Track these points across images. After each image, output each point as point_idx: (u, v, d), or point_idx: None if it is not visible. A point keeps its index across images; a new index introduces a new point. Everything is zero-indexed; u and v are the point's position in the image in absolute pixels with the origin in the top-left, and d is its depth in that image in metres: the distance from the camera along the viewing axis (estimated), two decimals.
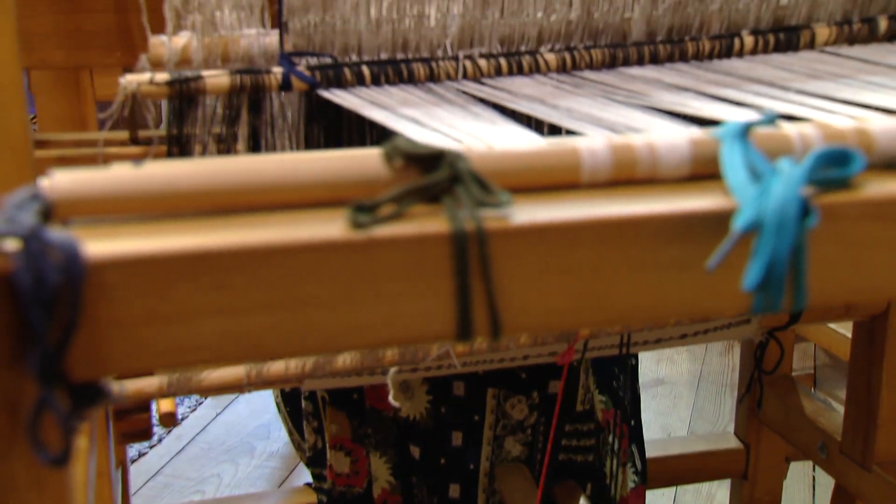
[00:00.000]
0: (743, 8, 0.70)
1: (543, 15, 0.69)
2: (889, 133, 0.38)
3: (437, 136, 0.51)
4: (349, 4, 0.66)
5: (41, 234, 0.30)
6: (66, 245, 0.30)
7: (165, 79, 0.60)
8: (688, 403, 2.56)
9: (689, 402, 2.56)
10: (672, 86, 0.63)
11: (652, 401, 2.56)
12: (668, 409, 2.53)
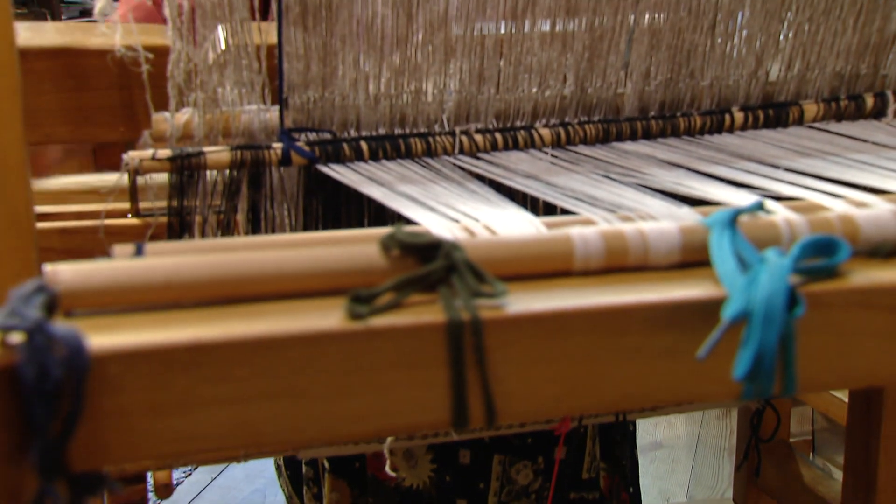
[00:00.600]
0: (733, 84, 0.72)
1: (538, 90, 0.71)
2: (873, 221, 0.39)
3: (433, 216, 0.52)
4: (348, 81, 0.67)
5: (45, 327, 0.30)
6: (69, 339, 0.30)
7: (167, 154, 0.62)
8: (686, 468, 2.54)
9: (688, 467, 2.54)
10: (665, 162, 0.64)
11: (650, 465, 2.54)
12: (666, 474, 2.51)
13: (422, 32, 0.67)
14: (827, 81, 0.71)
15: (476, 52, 0.69)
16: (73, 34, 0.64)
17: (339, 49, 0.66)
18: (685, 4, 0.70)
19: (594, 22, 0.70)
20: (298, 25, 0.65)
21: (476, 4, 0.67)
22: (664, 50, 0.71)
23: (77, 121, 0.63)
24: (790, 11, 0.70)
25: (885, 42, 0.70)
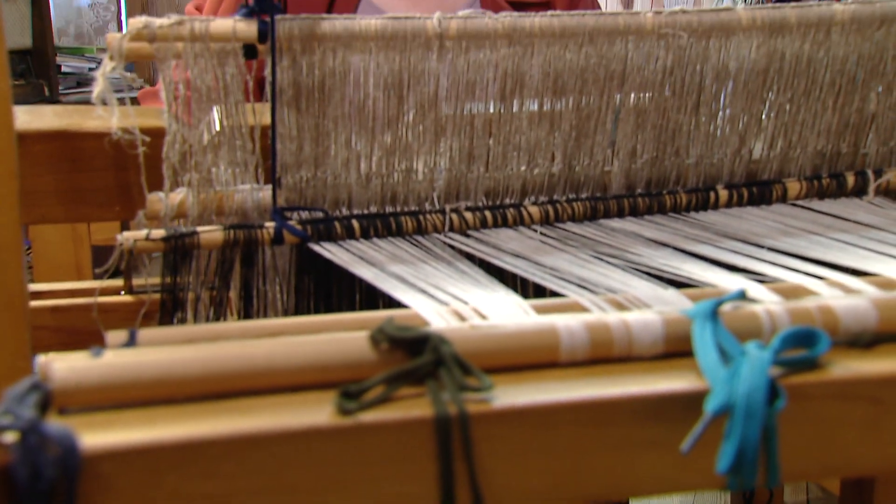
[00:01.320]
0: (717, 162, 0.74)
1: (527, 168, 0.72)
2: (852, 312, 0.40)
3: (423, 299, 0.53)
4: (340, 160, 0.69)
5: (39, 427, 0.31)
6: (63, 438, 0.31)
7: (161, 235, 0.63)
8: None
9: None
10: (651, 241, 0.65)
11: None
12: None
13: (412, 113, 0.69)
14: (809, 160, 0.73)
15: (466, 132, 0.71)
16: (70, 117, 0.65)
17: (331, 130, 0.68)
18: (669, 85, 0.72)
19: (581, 102, 0.71)
20: (292, 107, 0.66)
21: (465, 86, 0.69)
22: (650, 129, 0.73)
23: (73, 201, 0.64)
24: (771, 92, 0.72)
25: (863, 122, 0.72)
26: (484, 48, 0.68)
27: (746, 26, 0.69)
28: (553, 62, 0.69)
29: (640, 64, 0.70)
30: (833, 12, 0.68)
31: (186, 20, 0.61)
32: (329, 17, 0.64)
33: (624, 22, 0.68)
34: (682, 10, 0.68)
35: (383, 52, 0.66)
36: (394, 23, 0.65)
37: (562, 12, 0.68)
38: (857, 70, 0.70)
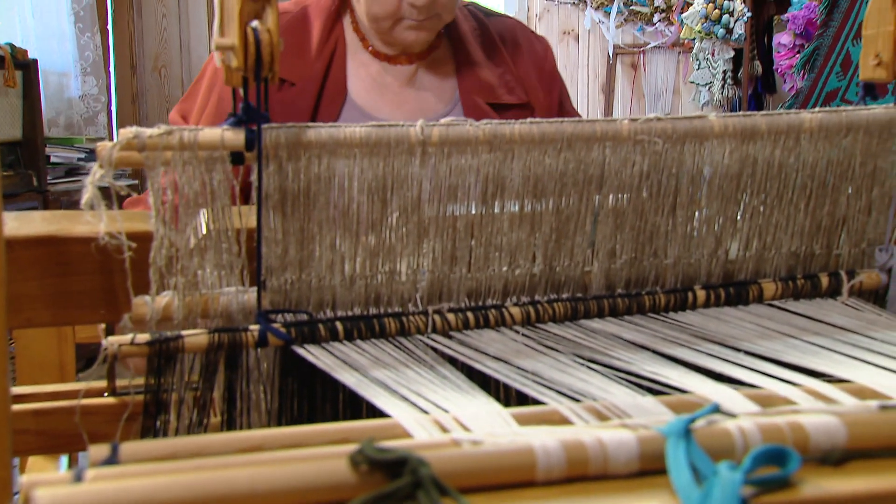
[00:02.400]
0: (695, 262, 0.75)
1: (508, 269, 0.74)
2: (823, 429, 0.41)
3: (405, 407, 0.54)
4: (325, 263, 0.70)
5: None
6: None
7: (146, 339, 0.63)
8: None
9: None
10: (630, 343, 0.66)
11: None
12: None
13: (396, 216, 0.70)
14: (784, 261, 0.75)
15: (448, 234, 0.72)
16: (59, 222, 0.66)
17: (316, 233, 0.69)
18: (646, 188, 0.73)
19: (561, 204, 0.73)
20: (277, 211, 0.68)
21: (448, 189, 0.71)
22: (628, 230, 0.74)
23: (59, 305, 0.65)
24: (745, 195, 0.74)
25: (835, 224, 0.74)
26: (465, 154, 0.70)
27: (719, 133, 0.71)
28: (533, 167, 0.71)
29: (618, 168, 0.72)
30: (801, 120, 0.70)
31: (175, 130, 0.62)
32: (314, 125, 0.66)
33: (601, 129, 0.70)
34: (656, 118, 0.71)
35: (367, 157, 0.68)
36: (377, 130, 0.67)
37: (541, 119, 0.70)
38: (827, 175, 0.73)
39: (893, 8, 0.69)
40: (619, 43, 5.10)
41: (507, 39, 1.44)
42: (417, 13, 1.26)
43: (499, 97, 1.37)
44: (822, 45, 1.96)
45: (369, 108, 1.36)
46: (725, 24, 3.16)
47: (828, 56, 1.97)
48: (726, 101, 3.46)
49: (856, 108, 0.72)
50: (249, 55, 0.61)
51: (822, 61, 1.96)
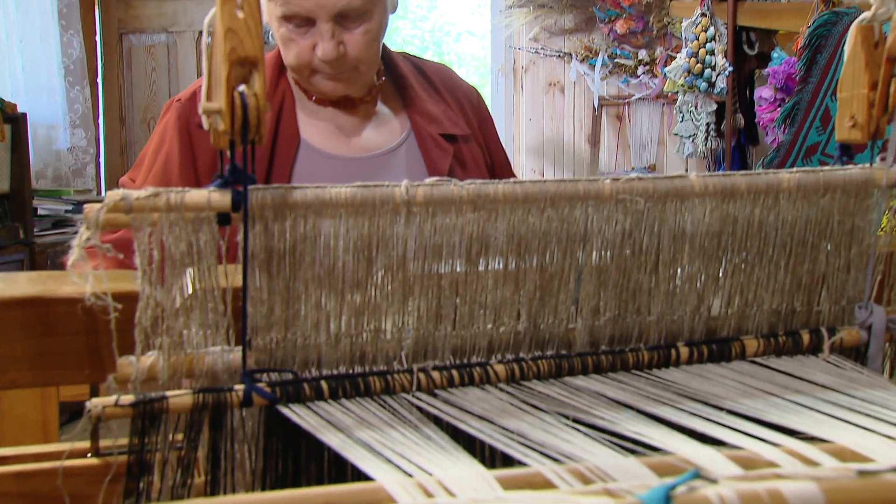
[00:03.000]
0: (678, 319, 0.76)
1: (493, 327, 0.74)
2: (800, 495, 0.41)
3: (389, 470, 0.54)
4: (310, 322, 0.70)
5: None
6: None
7: (130, 400, 0.63)
8: None
9: None
10: (614, 401, 0.67)
11: None
12: None
13: (381, 274, 0.71)
14: (766, 317, 0.76)
15: (433, 292, 0.72)
16: (45, 283, 0.67)
17: (301, 292, 0.69)
18: (629, 246, 0.74)
19: (544, 262, 0.74)
20: (263, 271, 0.68)
21: (432, 248, 0.71)
22: (611, 288, 0.75)
23: (43, 366, 0.65)
24: (726, 252, 0.75)
25: (815, 282, 0.75)
26: (450, 213, 0.71)
27: (699, 192, 0.72)
28: (517, 225, 0.72)
29: (600, 227, 0.73)
30: (780, 180, 0.72)
31: (162, 192, 0.63)
32: (300, 185, 0.67)
33: (583, 188, 0.71)
34: (638, 178, 0.72)
35: (353, 217, 0.69)
36: (363, 191, 0.68)
37: (524, 180, 0.71)
38: (806, 233, 0.74)
39: (867, 72, 0.71)
40: (605, 94, 5.17)
41: (443, 80, 1.53)
42: (328, 67, 1.33)
43: (447, 128, 1.45)
44: (802, 101, 2.00)
45: (326, 148, 1.41)
46: (708, 78, 3.21)
47: (807, 111, 2.00)
48: (710, 152, 3.50)
49: (832, 169, 0.73)
50: (236, 119, 0.62)
51: (802, 116, 2.00)
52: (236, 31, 0.61)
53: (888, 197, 0.73)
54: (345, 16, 1.31)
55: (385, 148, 1.45)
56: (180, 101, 1.41)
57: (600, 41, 5.11)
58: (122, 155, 4.41)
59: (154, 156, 1.40)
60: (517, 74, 5.33)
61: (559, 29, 5.16)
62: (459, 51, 9.53)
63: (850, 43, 0.71)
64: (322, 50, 1.30)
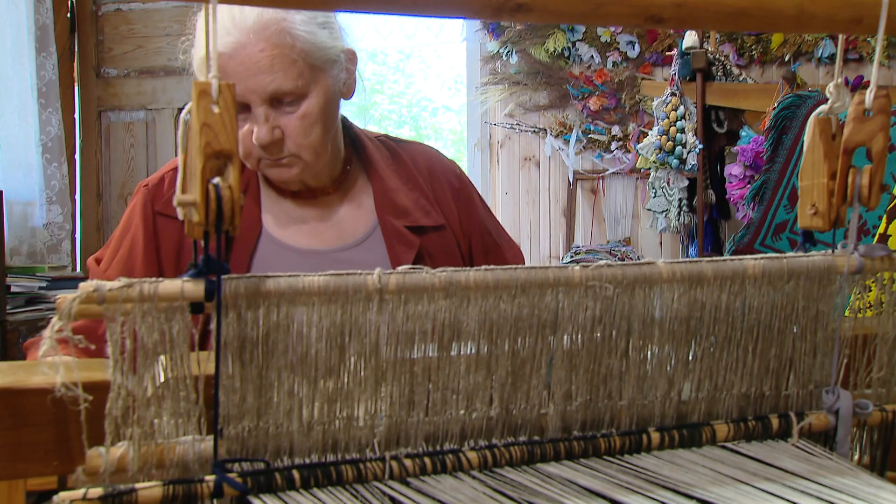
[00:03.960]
0: (648, 404, 0.76)
1: (466, 413, 0.74)
2: None
3: None
4: (282, 410, 0.70)
5: None
6: None
7: (98, 493, 0.62)
8: None
9: None
10: (585, 490, 0.67)
11: None
12: None
13: (354, 361, 0.71)
14: (735, 402, 0.76)
15: (406, 378, 0.73)
16: (15, 374, 0.66)
17: (274, 380, 0.70)
18: (599, 331, 0.75)
19: (516, 348, 0.74)
20: (236, 360, 0.68)
21: (405, 335, 0.72)
22: (583, 373, 0.76)
23: (10, 458, 0.64)
24: (695, 337, 0.76)
25: (783, 366, 0.76)
26: (422, 300, 0.71)
27: (667, 279, 0.74)
28: (488, 312, 0.73)
29: (571, 313, 0.74)
30: (745, 267, 0.73)
31: (136, 283, 0.64)
32: (273, 275, 0.68)
33: (553, 275, 0.73)
34: (607, 265, 0.73)
35: (326, 305, 0.69)
36: (336, 279, 0.69)
37: (494, 266, 0.72)
38: (772, 318, 0.75)
39: (826, 162, 0.73)
40: (579, 169, 5.24)
41: (421, 165, 1.50)
42: (266, 153, 1.30)
43: (416, 220, 1.42)
44: (770, 180, 2.05)
45: (288, 240, 1.39)
46: (679, 155, 3.28)
47: (775, 190, 2.05)
48: (683, 227, 3.54)
49: (796, 255, 0.75)
50: (211, 210, 0.63)
51: (771, 194, 2.04)
52: (211, 125, 0.62)
53: (851, 283, 0.75)
54: (279, 99, 1.28)
55: (347, 243, 1.42)
56: (147, 187, 1.40)
57: (574, 117, 5.21)
58: (99, 230, 4.40)
59: (119, 240, 1.40)
60: (493, 149, 5.41)
61: (534, 105, 5.26)
62: (436, 125, 9.67)
63: (808, 134, 0.74)
64: (256, 134, 1.27)
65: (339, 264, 1.37)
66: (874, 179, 0.69)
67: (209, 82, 0.61)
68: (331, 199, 1.43)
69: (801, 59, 4.89)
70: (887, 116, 0.70)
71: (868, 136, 0.70)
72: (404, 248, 1.39)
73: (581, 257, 4.54)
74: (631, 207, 5.25)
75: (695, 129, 3.31)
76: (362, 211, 1.43)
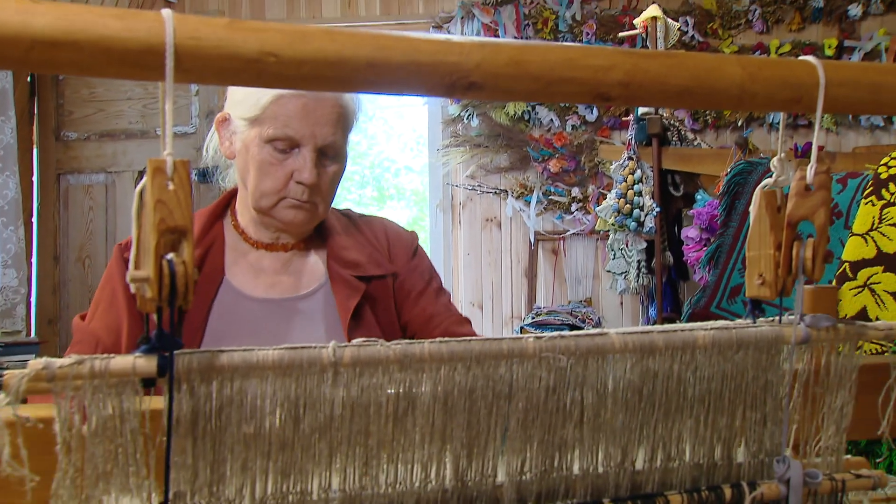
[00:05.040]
0: (603, 474, 0.77)
1: (420, 485, 0.74)
2: None
3: None
4: (235, 485, 0.69)
5: None
6: None
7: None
8: None
9: None
10: None
11: None
12: None
13: (308, 435, 0.71)
14: (688, 471, 0.77)
15: (360, 451, 0.72)
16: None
17: (227, 455, 0.69)
18: (553, 401, 0.76)
19: (471, 418, 0.75)
20: (188, 435, 0.68)
21: (360, 406, 0.72)
22: (537, 443, 0.76)
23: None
24: (648, 407, 0.77)
25: (734, 435, 0.77)
26: (377, 373, 0.72)
27: (619, 349, 0.75)
28: (443, 383, 0.73)
29: (525, 383, 0.75)
30: (695, 337, 0.74)
31: (87, 360, 0.63)
32: (227, 349, 0.68)
33: (507, 347, 0.73)
34: (560, 336, 0.74)
35: (280, 378, 0.69)
36: (290, 353, 0.69)
37: (449, 339, 0.73)
38: (723, 387, 0.76)
39: (771, 234, 0.75)
40: (540, 230, 5.30)
41: (379, 234, 1.64)
42: (301, 192, 1.45)
43: (365, 271, 1.55)
44: (724, 244, 2.09)
45: (246, 289, 1.51)
46: (637, 218, 3.33)
47: (730, 253, 2.09)
48: (643, 288, 3.58)
49: (745, 325, 0.76)
50: (164, 286, 0.63)
51: (725, 258, 2.08)
52: (166, 202, 0.62)
53: (798, 353, 0.76)
54: (324, 152, 1.45)
55: (301, 293, 1.54)
56: (120, 245, 1.53)
57: (535, 179, 5.28)
58: (55, 294, 4.35)
59: (101, 294, 1.51)
60: (455, 210, 5.46)
61: (495, 167, 5.33)
62: (399, 185, 9.73)
63: (754, 207, 0.76)
64: (307, 174, 1.43)
65: (291, 312, 1.51)
66: (817, 252, 0.71)
67: (164, 160, 0.62)
68: (292, 253, 1.56)
69: (754, 124, 5.02)
70: (828, 191, 0.72)
71: (810, 210, 0.72)
72: (349, 293, 1.51)
73: (542, 318, 4.56)
74: (592, 268, 5.31)
75: (652, 193, 3.38)
76: (315, 266, 1.56)
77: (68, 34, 0.57)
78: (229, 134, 1.52)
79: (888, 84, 0.71)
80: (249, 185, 1.49)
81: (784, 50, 4.99)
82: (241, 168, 1.51)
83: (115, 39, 0.58)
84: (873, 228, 1.52)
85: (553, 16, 5.26)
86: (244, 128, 1.48)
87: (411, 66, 0.64)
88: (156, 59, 0.60)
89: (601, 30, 5.18)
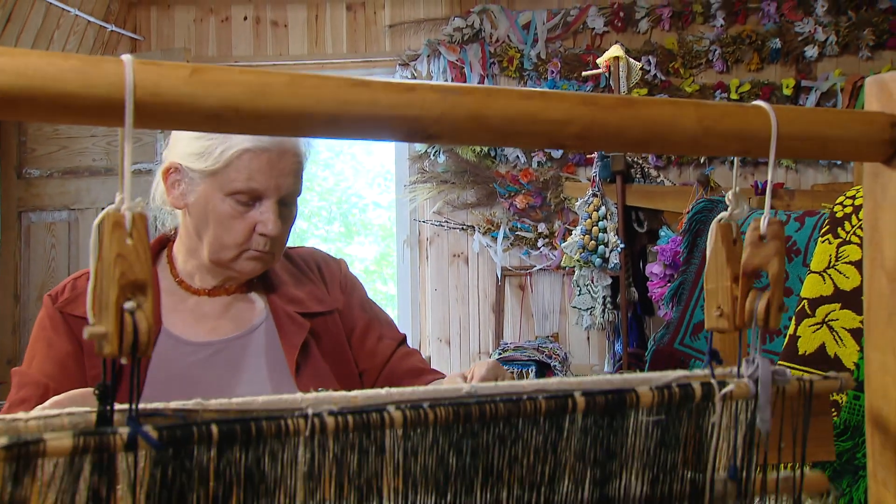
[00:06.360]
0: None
1: None
2: None
3: None
4: None
5: None
6: None
7: (3, 443, 0.58)
8: None
9: None
10: None
11: None
12: None
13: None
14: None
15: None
16: None
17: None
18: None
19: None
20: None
21: None
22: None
23: None
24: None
25: None
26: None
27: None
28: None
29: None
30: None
31: (20, 419, 0.61)
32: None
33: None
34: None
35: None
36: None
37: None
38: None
39: (728, 266, 0.75)
40: (507, 265, 5.32)
41: (310, 263, 1.65)
42: (263, 244, 1.44)
43: (308, 307, 1.54)
44: (687, 281, 2.11)
45: (186, 335, 1.48)
46: (602, 254, 3.36)
47: (692, 290, 2.11)
48: (609, 324, 3.61)
49: (692, 375, 0.77)
50: (126, 342, 0.62)
51: (688, 294, 2.11)
52: (126, 256, 0.62)
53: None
54: (284, 201, 1.45)
55: (242, 331, 1.52)
56: (50, 295, 1.49)
57: (501, 215, 5.31)
58: (15, 333, 4.28)
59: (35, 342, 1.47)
60: (422, 245, 5.46)
61: (462, 203, 5.36)
62: (366, 221, 9.73)
63: (710, 239, 0.77)
64: (271, 226, 1.42)
65: (234, 351, 1.49)
66: (772, 303, 0.72)
67: (122, 214, 0.62)
68: (233, 295, 1.54)
69: (716, 161, 5.10)
70: (782, 242, 0.74)
71: (764, 259, 0.74)
72: (295, 330, 1.50)
73: (509, 354, 4.56)
74: (558, 303, 5.33)
75: (616, 229, 3.41)
76: (257, 305, 1.55)
77: (27, 90, 0.57)
78: (180, 184, 1.46)
79: (835, 137, 0.73)
80: (207, 237, 1.45)
81: (744, 89, 5.09)
82: (197, 219, 1.46)
83: (75, 96, 0.58)
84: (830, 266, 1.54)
85: (518, 54, 5.32)
86: (200, 179, 1.43)
87: (372, 121, 0.65)
88: (115, 111, 0.60)
89: (565, 68, 5.25)
